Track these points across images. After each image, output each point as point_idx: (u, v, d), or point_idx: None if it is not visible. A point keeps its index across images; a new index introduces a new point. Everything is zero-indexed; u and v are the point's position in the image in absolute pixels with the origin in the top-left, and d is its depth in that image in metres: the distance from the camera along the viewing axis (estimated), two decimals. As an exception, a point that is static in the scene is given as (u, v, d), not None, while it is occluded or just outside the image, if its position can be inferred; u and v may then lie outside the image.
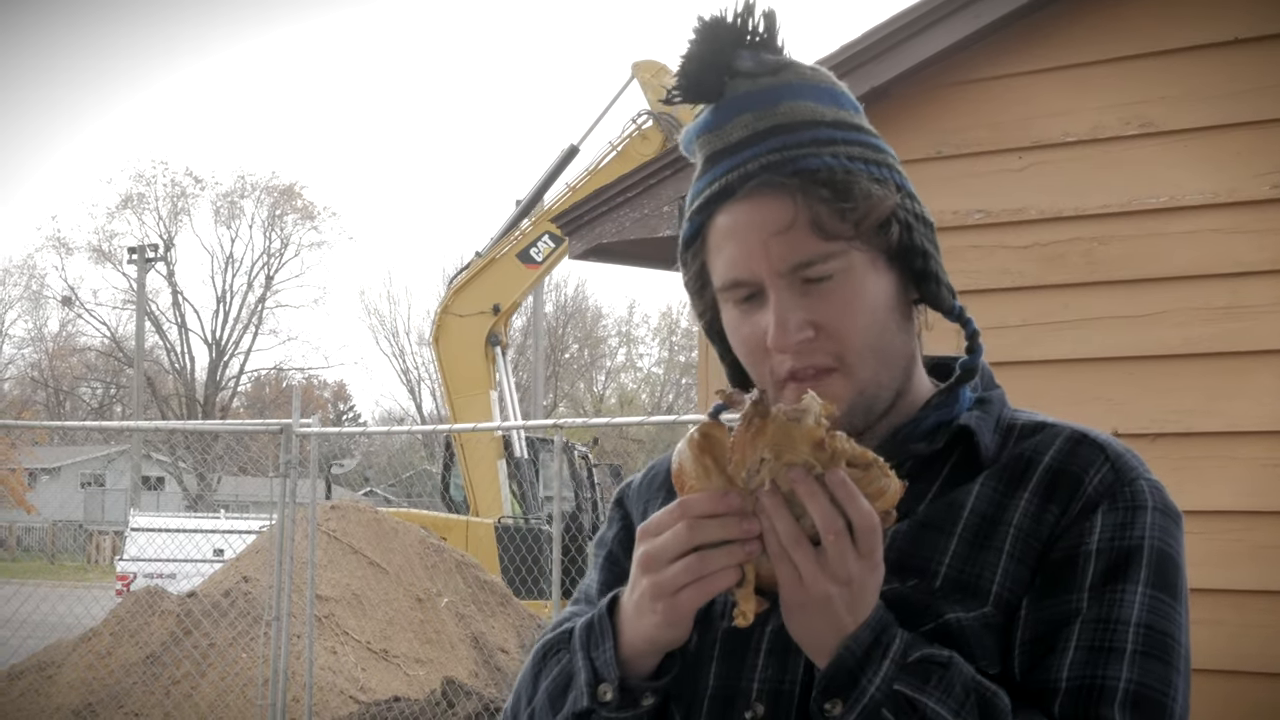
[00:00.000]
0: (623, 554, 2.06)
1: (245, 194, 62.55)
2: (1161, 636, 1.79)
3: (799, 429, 1.66)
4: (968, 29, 5.57)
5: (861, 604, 1.70)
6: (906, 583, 1.81)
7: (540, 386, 47.55)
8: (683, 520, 1.70)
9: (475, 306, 23.06)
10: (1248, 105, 5.09)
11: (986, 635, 1.80)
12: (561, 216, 7.04)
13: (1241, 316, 5.06)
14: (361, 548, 15.34)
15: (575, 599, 2.07)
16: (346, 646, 14.09)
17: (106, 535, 45.37)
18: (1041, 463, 1.87)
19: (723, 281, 1.87)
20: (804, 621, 1.71)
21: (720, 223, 1.87)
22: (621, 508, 2.13)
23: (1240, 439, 5.06)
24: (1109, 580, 1.80)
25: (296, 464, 11.61)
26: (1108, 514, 1.83)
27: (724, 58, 1.88)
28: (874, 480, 1.68)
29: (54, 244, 72.89)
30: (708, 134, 1.90)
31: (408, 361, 69.10)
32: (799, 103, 1.88)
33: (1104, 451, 1.88)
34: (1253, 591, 5.00)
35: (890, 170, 1.89)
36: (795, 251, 1.82)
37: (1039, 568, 1.82)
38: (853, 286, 1.83)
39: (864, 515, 1.66)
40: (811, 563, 1.67)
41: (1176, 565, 1.84)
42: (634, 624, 1.78)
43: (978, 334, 1.98)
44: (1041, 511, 1.84)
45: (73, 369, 66.44)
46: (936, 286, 1.92)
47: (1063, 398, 5.29)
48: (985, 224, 5.53)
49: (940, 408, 1.93)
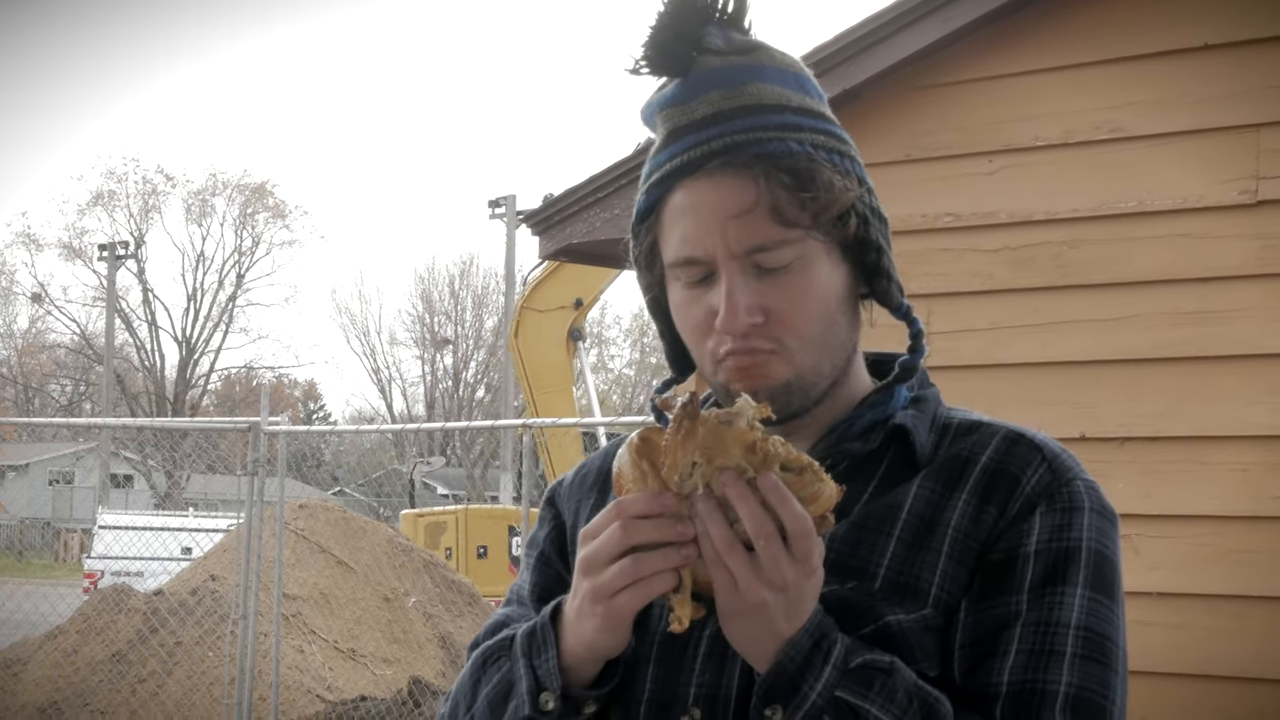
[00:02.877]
0: (554, 553, 2.04)
1: (216, 192, 62.39)
2: (1100, 639, 1.79)
3: (731, 432, 1.65)
4: (939, 32, 5.57)
5: (798, 610, 1.68)
6: (846, 584, 1.80)
7: (511, 387, 47.48)
8: (617, 520, 1.68)
9: (556, 301, 22.85)
10: (1218, 111, 5.10)
11: (926, 637, 1.79)
12: (532, 216, 7.02)
13: (1210, 321, 5.07)
14: (329, 546, 15.32)
15: (507, 599, 2.05)
16: (314, 645, 14.06)
17: (74, 533, 45.23)
18: (979, 462, 1.86)
19: (675, 258, 1.85)
20: (741, 628, 1.70)
21: (678, 199, 1.84)
22: (553, 507, 2.10)
23: (1209, 443, 5.07)
24: (1048, 582, 1.79)
25: (265, 462, 11.59)
26: (1045, 515, 1.82)
27: (694, 32, 1.85)
28: (808, 484, 1.66)
29: (24, 240, 72.37)
30: (671, 108, 1.87)
31: (378, 361, 69.21)
32: (767, 85, 1.85)
33: (1040, 451, 1.87)
34: (1222, 596, 5.01)
35: (852, 161, 1.87)
36: (753, 235, 1.79)
37: (977, 569, 1.81)
38: (806, 276, 1.82)
39: (796, 519, 1.64)
40: (746, 568, 1.65)
41: (1114, 566, 1.84)
42: (575, 630, 1.77)
43: (922, 334, 1.96)
44: (979, 513, 1.83)
45: (42, 366, 66.16)
46: (887, 283, 1.90)
47: (1031, 401, 5.29)
48: (955, 227, 5.53)
49: (875, 406, 1.92)
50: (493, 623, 1.99)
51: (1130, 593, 1.87)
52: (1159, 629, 5.00)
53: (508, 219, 46.08)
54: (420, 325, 68.15)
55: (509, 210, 45.94)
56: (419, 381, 69.06)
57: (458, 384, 67.94)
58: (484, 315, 67.21)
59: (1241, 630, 4.97)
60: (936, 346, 5.35)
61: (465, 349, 68.00)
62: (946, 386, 2.03)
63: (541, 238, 6.90)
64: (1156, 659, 4.95)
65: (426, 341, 68.06)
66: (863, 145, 1.94)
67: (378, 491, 45.25)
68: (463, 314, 67.65)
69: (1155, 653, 4.94)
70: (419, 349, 68.68)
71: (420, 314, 68.04)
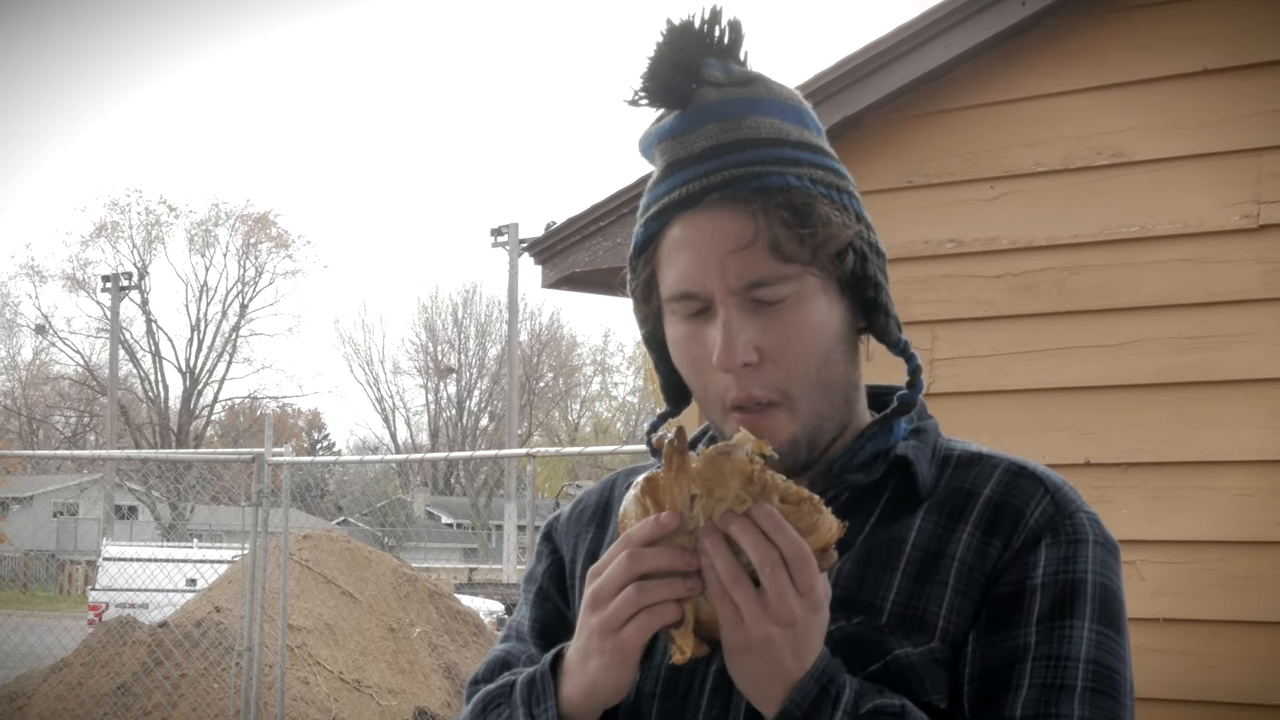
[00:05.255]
0: (553, 589, 2.03)
1: (219, 222, 62.57)
2: (1109, 672, 1.79)
3: (729, 463, 1.65)
4: (940, 59, 5.58)
5: (806, 648, 1.67)
6: (853, 619, 1.79)
7: (515, 415, 47.48)
8: (625, 550, 1.68)
9: None
10: (1218, 136, 5.10)
11: (935, 670, 1.79)
12: (535, 245, 7.03)
13: (1214, 346, 5.07)
14: (334, 577, 15.31)
15: (505, 635, 2.04)
16: (319, 677, 14.05)
17: (79, 565, 45.21)
18: (982, 495, 1.86)
19: (672, 292, 1.84)
20: (747, 665, 1.68)
21: (675, 232, 1.83)
22: (550, 542, 2.08)
23: (1212, 468, 5.06)
24: (1055, 615, 1.79)
25: (269, 493, 11.58)
26: (1050, 548, 1.82)
27: (692, 64, 1.83)
28: (805, 516, 1.65)
29: (28, 272, 72.52)
30: (670, 140, 1.86)
31: (382, 390, 69.20)
32: (766, 118, 1.84)
33: (1043, 484, 1.87)
34: (1225, 621, 5.00)
35: (850, 197, 1.85)
36: (751, 270, 1.78)
37: (983, 601, 1.81)
38: (803, 312, 1.81)
39: (792, 545, 1.63)
40: (753, 602, 1.64)
41: (1118, 599, 1.84)
42: (578, 674, 1.75)
43: (920, 370, 1.94)
44: (984, 545, 1.83)
45: (46, 397, 66.25)
46: (885, 319, 1.89)
47: (1035, 427, 5.29)
48: (957, 253, 5.53)
49: (875, 438, 1.91)
50: (492, 659, 1.99)
51: (1134, 618, 1.88)
52: (1163, 655, 4.99)
53: (510, 247, 46.16)
54: (423, 354, 68.31)
55: (511, 238, 46.03)
56: (423, 410, 69.21)
57: (461, 413, 68.00)
58: (487, 344, 67.38)
59: (1245, 656, 4.96)
60: (939, 373, 5.35)
61: (469, 377, 68.11)
62: (949, 413, 2.03)
63: (544, 266, 6.90)
64: (1160, 685, 4.94)
65: (430, 370, 68.17)
66: (864, 172, 1.95)
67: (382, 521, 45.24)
68: (466, 342, 67.82)
69: (1159, 679, 4.93)
70: (422, 378, 68.83)
71: (423, 343, 68.22)
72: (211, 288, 63.30)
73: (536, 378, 65.84)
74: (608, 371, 67.59)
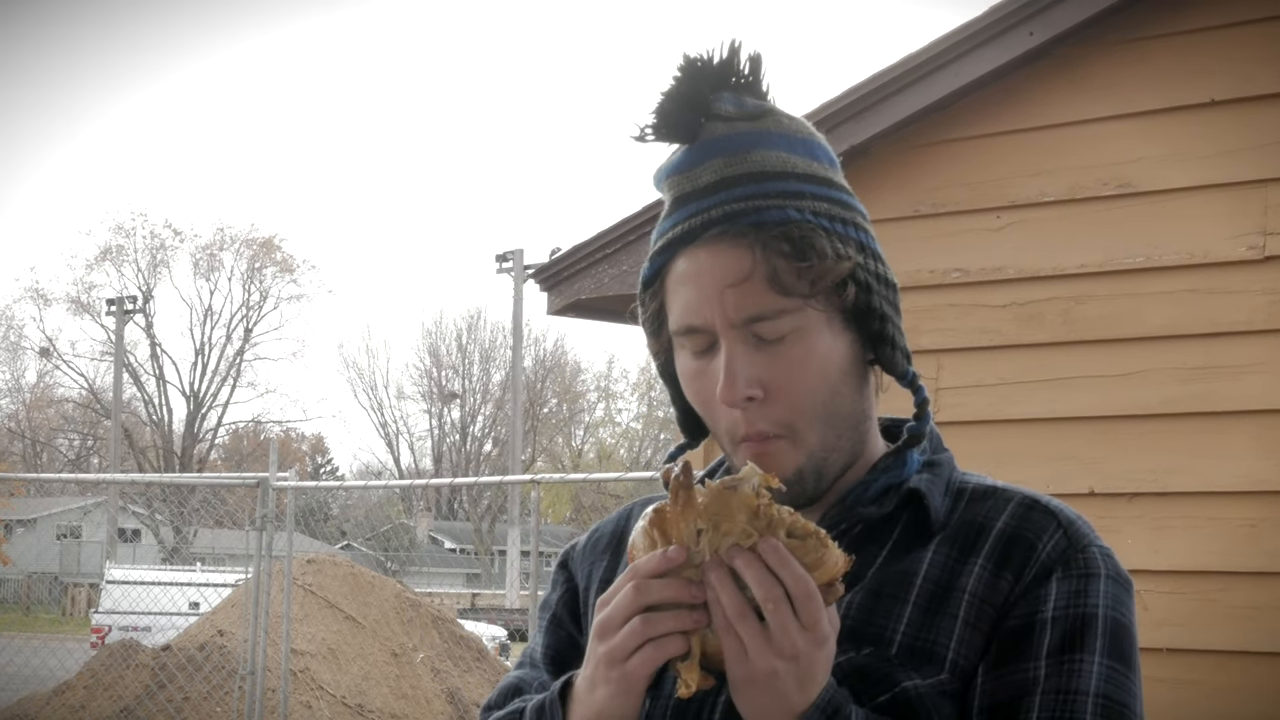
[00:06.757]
0: (567, 616, 2.05)
1: (224, 246, 62.53)
2: (1119, 707, 1.78)
3: (736, 497, 1.65)
4: (947, 88, 5.59)
5: (811, 681, 1.67)
6: (862, 651, 1.80)
7: (518, 441, 47.48)
8: (631, 581, 1.68)
9: None
10: (1224, 167, 5.11)
11: (943, 702, 1.79)
12: (541, 272, 7.04)
13: (1218, 377, 5.08)
14: (338, 602, 15.30)
15: (520, 662, 2.04)
16: (322, 701, 14.03)
17: (82, 587, 45.15)
18: (994, 528, 1.86)
19: (678, 326, 1.85)
20: (752, 698, 1.68)
21: (679, 267, 1.84)
22: (566, 570, 2.09)
23: (1217, 499, 5.07)
24: (1066, 649, 1.79)
25: (273, 517, 11.59)
26: (1062, 581, 1.82)
27: (703, 98, 1.85)
28: (811, 550, 1.65)
29: (32, 295, 72.50)
30: (677, 175, 1.87)
31: (386, 415, 69.14)
32: (771, 152, 1.84)
33: (1056, 518, 1.86)
34: (1230, 652, 5.00)
35: (855, 229, 1.85)
36: (750, 304, 1.79)
37: (994, 635, 1.81)
38: (805, 346, 1.81)
39: (797, 580, 1.63)
40: (757, 636, 1.64)
41: (1130, 634, 1.83)
42: (585, 702, 1.76)
43: (927, 402, 1.94)
44: (995, 578, 1.83)
45: (50, 420, 66.25)
46: (892, 351, 1.89)
47: (1040, 456, 5.29)
48: (963, 283, 5.54)
49: (888, 470, 1.90)
50: (505, 686, 1.99)
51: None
52: (1167, 685, 4.98)
53: (515, 273, 46.20)
54: (427, 379, 68.32)
55: (516, 264, 46.06)
56: (426, 436, 69.19)
57: (465, 438, 67.99)
58: (491, 369, 67.39)
59: (1249, 686, 4.96)
60: (945, 402, 5.35)
61: (473, 403, 68.11)
62: (954, 443, 2.03)
63: (550, 293, 6.91)
64: (1165, 716, 4.93)
65: (434, 396, 68.17)
66: (871, 201, 1.94)
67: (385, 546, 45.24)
68: (470, 368, 67.80)
69: (1164, 709, 4.92)
70: (426, 403, 68.82)
71: (427, 368, 68.23)
72: (216, 311, 63.31)
73: (540, 403, 65.81)
74: (612, 398, 67.51)
